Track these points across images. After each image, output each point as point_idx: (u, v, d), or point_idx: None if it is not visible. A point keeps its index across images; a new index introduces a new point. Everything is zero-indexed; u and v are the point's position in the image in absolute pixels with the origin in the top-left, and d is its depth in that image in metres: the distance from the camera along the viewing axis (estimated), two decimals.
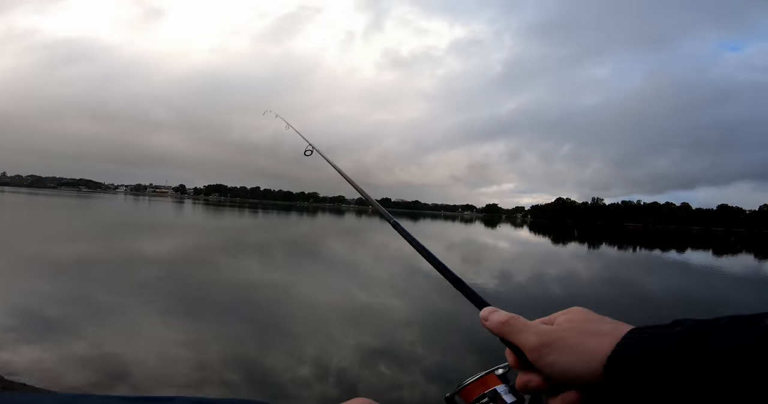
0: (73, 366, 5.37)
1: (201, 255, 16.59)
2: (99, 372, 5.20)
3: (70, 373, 5.15)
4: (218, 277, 12.00)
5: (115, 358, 5.61)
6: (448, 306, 10.28)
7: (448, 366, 6.15)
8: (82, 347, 5.98)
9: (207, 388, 4.97)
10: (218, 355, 5.96)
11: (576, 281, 15.66)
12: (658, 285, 16.05)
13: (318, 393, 4.94)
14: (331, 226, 46.47)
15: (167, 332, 6.91)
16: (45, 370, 5.17)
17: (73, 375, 5.08)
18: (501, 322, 0.60)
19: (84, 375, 5.09)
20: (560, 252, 30.93)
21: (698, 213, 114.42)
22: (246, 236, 28.05)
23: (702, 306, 12.04)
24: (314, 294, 10.57)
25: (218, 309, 8.38)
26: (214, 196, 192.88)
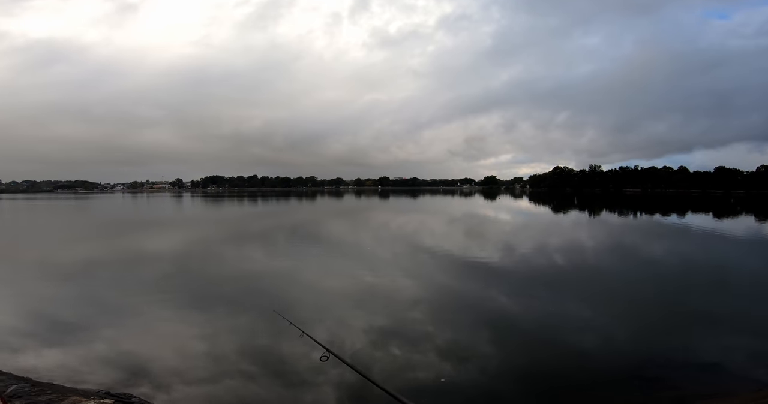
0: (96, 365, 5.49)
1: (206, 248, 16.67)
2: (120, 369, 5.31)
3: (94, 372, 5.26)
4: (225, 268, 12.08)
5: (134, 356, 5.72)
6: (452, 283, 10.43)
7: (461, 344, 6.27)
8: (101, 346, 6.09)
9: (226, 380, 5.08)
10: (233, 347, 6.07)
11: (579, 250, 15.78)
12: (661, 251, 16.18)
13: (335, 379, 5.05)
14: (333, 208, 46.59)
15: (181, 327, 7.02)
16: (71, 370, 5.29)
17: (96, 375, 5.19)
18: None
19: (106, 374, 5.20)
20: (561, 221, 31.10)
21: (696, 176, 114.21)
22: (248, 225, 28.11)
23: (705, 271, 12.17)
24: (321, 278, 10.68)
25: (228, 301, 8.48)
26: (212, 188, 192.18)
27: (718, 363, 5.44)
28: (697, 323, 7.22)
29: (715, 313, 7.73)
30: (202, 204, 59.18)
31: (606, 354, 5.83)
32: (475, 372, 5.29)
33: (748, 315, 7.59)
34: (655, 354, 5.75)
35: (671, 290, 9.63)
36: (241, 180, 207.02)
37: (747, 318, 7.40)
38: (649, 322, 7.24)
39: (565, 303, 8.50)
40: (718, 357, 5.62)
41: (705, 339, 6.38)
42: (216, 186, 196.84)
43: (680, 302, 8.56)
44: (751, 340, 6.25)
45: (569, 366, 5.44)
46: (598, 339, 6.39)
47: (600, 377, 5.15)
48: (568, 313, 7.81)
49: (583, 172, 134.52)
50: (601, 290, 9.65)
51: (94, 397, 4.27)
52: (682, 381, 4.97)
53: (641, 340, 6.39)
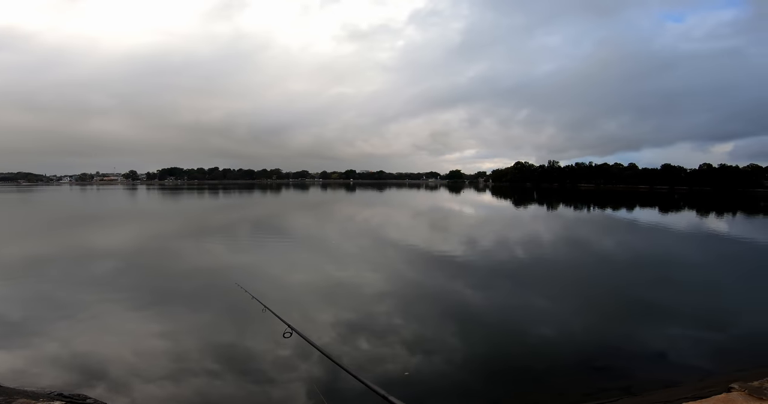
0: (48, 366, 5.18)
1: (162, 242, 15.96)
2: (73, 370, 5.05)
3: (45, 374, 4.97)
4: (183, 264, 11.67)
5: (89, 355, 5.45)
6: (417, 275, 10.62)
7: (425, 336, 6.42)
8: (52, 347, 5.77)
9: (190, 379, 4.94)
10: (195, 344, 5.91)
11: (538, 243, 16.50)
12: (612, 243, 17.24)
13: (304, 374, 5.04)
14: (298, 201, 45.85)
15: (138, 324, 6.74)
16: (20, 372, 4.95)
17: (48, 376, 4.90)
18: None
19: (60, 375, 4.92)
20: (522, 214, 32.32)
21: (644, 173, 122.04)
22: (208, 218, 27.15)
23: (652, 262, 13.12)
24: (286, 272, 10.54)
25: (187, 297, 8.23)
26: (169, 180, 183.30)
27: (663, 352, 5.86)
28: (645, 313, 7.75)
29: (661, 304, 8.33)
30: (158, 197, 56.42)
31: (562, 344, 6.17)
32: (439, 364, 5.46)
33: (691, 305, 8.26)
34: (607, 344, 6.16)
35: (621, 281, 10.32)
36: (202, 172, 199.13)
37: (689, 308, 8.05)
38: (602, 313, 7.73)
39: (525, 294, 8.90)
40: (664, 346, 6.05)
41: (652, 329, 6.83)
42: (174, 178, 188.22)
43: (630, 293, 9.18)
44: (693, 330, 6.80)
45: (529, 356, 5.73)
46: (555, 330, 6.76)
47: (557, 366, 5.44)
48: (528, 304, 8.18)
49: (542, 168, 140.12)
50: (557, 282, 10.16)
51: (43, 399, 4.02)
52: (631, 371, 5.30)
53: (594, 330, 6.81)
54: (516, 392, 4.85)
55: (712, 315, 7.58)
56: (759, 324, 7.14)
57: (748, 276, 11.14)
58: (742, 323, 7.21)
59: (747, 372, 4.95)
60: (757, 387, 2.92)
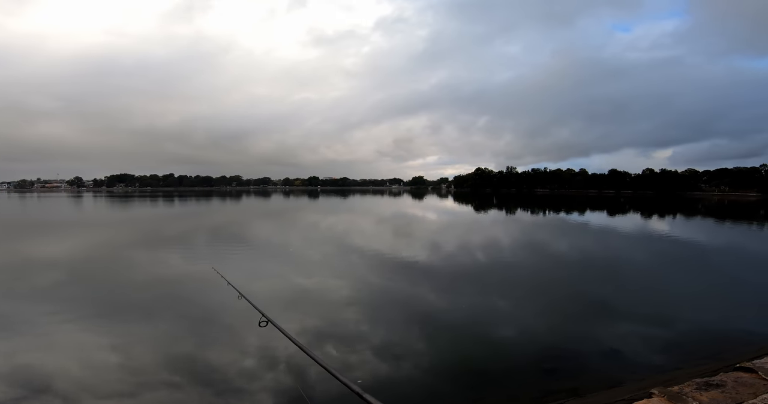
0: None
1: (111, 252, 15.00)
2: (17, 386, 4.64)
3: None
4: (135, 274, 11.03)
5: (34, 370, 5.03)
6: (381, 281, 10.66)
7: (389, 341, 6.45)
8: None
9: (147, 393, 4.67)
10: (152, 357, 5.62)
11: (497, 247, 17.08)
12: (565, 245, 18.16)
13: (270, 384, 4.91)
14: (259, 208, 44.59)
15: (87, 338, 6.31)
16: None
17: None
18: None
19: (1, 392, 4.50)
20: (482, 219, 33.28)
21: (593, 178, 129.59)
22: (160, 226, 25.81)
23: (600, 263, 13.94)
24: (247, 280, 10.22)
25: (140, 308, 7.80)
26: (119, 187, 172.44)
27: (609, 352, 6.15)
28: (594, 314, 8.20)
29: (608, 303, 8.86)
30: (105, 205, 52.99)
31: (518, 346, 6.39)
32: (401, 368, 5.52)
33: (635, 304, 8.78)
34: (559, 345, 6.41)
35: (573, 282, 10.88)
36: (155, 179, 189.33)
37: (633, 307, 8.56)
38: (555, 314, 8.10)
39: (484, 297, 9.17)
40: (610, 346, 6.36)
41: (600, 329, 7.18)
42: (124, 185, 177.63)
43: (580, 293, 9.70)
44: (638, 328, 7.19)
45: (486, 358, 5.88)
46: (512, 332, 7.03)
47: (513, 369, 5.59)
48: (487, 307, 8.44)
49: (501, 173, 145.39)
50: (514, 284, 10.58)
51: None
52: (580, 371, 5.53)
53: (548, 331, 7.09)
54: (473, 396, 4.96)
55: (656, 314, 8.09)
56: (699, 322, 7.69)
57: (688, 276, 12.08)
58: (683, 321, 7.74)
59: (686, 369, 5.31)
60: (676, 392, 3.03)
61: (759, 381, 3.13)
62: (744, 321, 7.81)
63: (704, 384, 3.08)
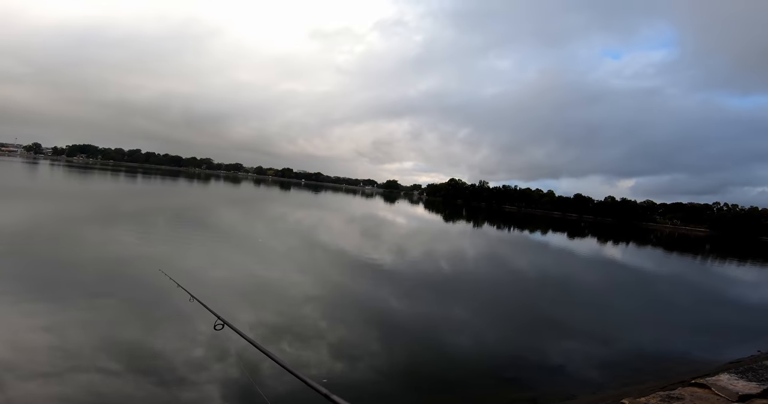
0: None
1: (57, 227, 14.07)
2: None
3: None
4: (83, 251, 10.39)
5: None
6: (344, 281, 10.60)
7: (348, 342, 6.39)
8: None
9: (80, 375, 4.38)
10: (90, 340, 5.27)
11: (462, 257, 17.40)
12: (525, 262, 18.74)
13: (219, 375, 4.74)
14: (227, 194, 43.26)
15: (18, 316, 5.85)
16: None
17: None
18: None
19: None
20: (450, 229, 33.80)
21: (560, 201, 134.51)
22: (118, 203, 24.56)
23: (556, 281, 14.48)
24: (204, 268, 9.86)
25: (84, 287, 7.32)
26: (80, 158, 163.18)
27: (563, 364, 6.37)
28: (548, 327, 8.48)
29: (561, 319, 9.19)
30: (62, 175, 49.95)
31: (477, 354, 6.48)
32: (360, 370, 5.45)
33: (586, 322, 9.25)
34: (516, 355, 6.59)
35: (530, 297, 11.25)
36: (120, 153, 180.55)
37: (585, 324, 9.01)
38: (512, 326, 8.34)
39: (445, 305, 9.27)
40: (563, 359, 6.60)
41: (555, 343, 7.44)
42: (86, 156, 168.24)
43: (537, 308, 10.03)
44: (588, 344, 7.54)
45: (446, 365, 5.91)
46: (471, 340, 7.13)
47: (471, 376, 5.66)
48: (447, 315, 8.53)
49: (473, 186, 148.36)
50: (475, 295, 10.78)
51: None
52: (537, 382, 5.67)
53: (505, 342, 7.29)
54: (429, 399, 4.99)
55: (603, 332, 8.57)
56: (641, 341, 8.20)
57: (633, 299, 12.80)
58: (627, 339, 8.21)
59: (630, 386, 5.60)
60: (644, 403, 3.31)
61: (713, 396, 3.47)
62: (680, 342, 8.47)
63: (667, 397, 3.36)
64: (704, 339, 9.04)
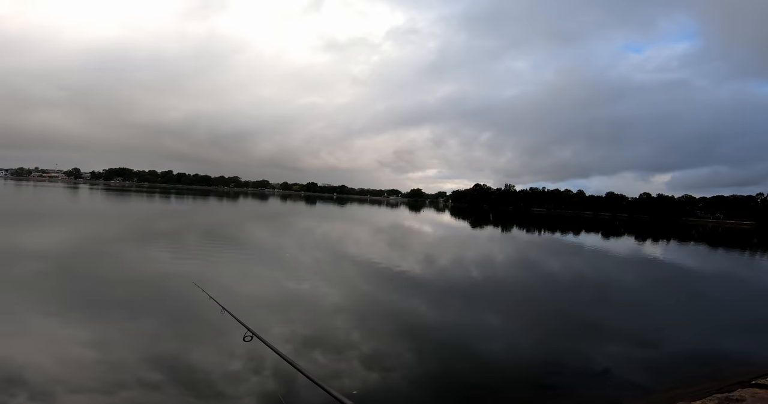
0: None
1: (100, 246, 14.80)
2: None
3: None
4: (123, 270, 10.85)
5: (6, 362, 4.88)
6: (373, 291, 10.57)
7: (380, 351, 6.35)
8: None
9: (124, 390, 4.55)
10: (133, 354, 5.47)
11: (491, 263, 17.04)
12: (557, 265, 18.13)
13: (256, 388, 4.80)
14: (256, 211, 44.40)
15: (66, 332, 6.15)
16: None
17: None
18: None
19: None
20: (478, 235, 33.27)
21: (591, 200, 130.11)
22: (155, 222, 25.61)
23: (592, 283, 13.91)
24: (238, 283, 10.10)
25: (125, 304, 7.62)
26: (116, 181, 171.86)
27: (605, 369, 6.04)
28: (587, 331, 8.14)
29: (601, 322, 8.81)
30: (101, 198, 52.68)
31: (513, 361, 6.28)
32: (392, 380, 5.40)
33: (628, 324, 8.78)
34: (554, 362, 6.31)
35: (567, 301, 10.83)
36: (154, 174, 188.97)
37: (627, 327, 8.55)
38: (548, 331, 8.02)
39: (478, 312, 9.09)
40: (606, 363, 6.26)
41: (594, 347, 7.11)
42: (122, 179, 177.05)
43: (574, 312, 9.64)
44: (631, 348, 7.15)
45: (481, 372, 5.76)
46: (505, 347, 6.91)
47: (508, 383, 5.48)
48: (480, 322, 8.35)
49: (499, 191, 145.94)
50: (508, 300, 10.51)
51: None
52: (577, 388, 5.41)
53: (542, 348, 6.99)
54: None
55: (647, 333, 8.12)
56: (690, 341, 7.76)
57: (678, 298, 12.10)
58: (674, 340, 7.77)
59: (682, 389, 5.27)
60: None
61: None
62: (732, 341, 7.94)
63: (726, 400, 3.13)
64: (759, 338, 8.44)
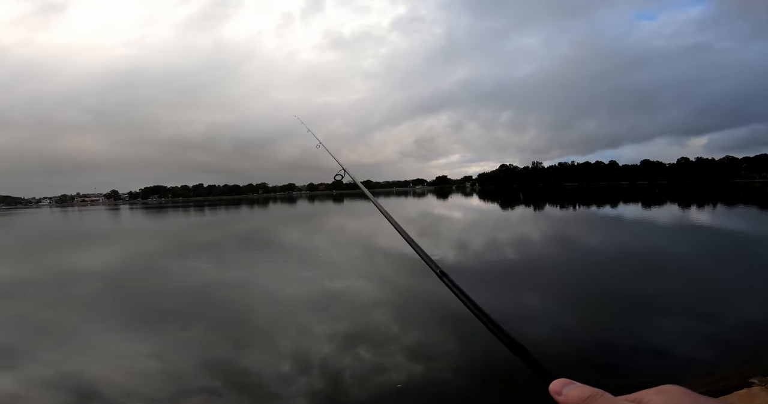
0: (39, 390, 4.97)
1: (148, 262, 15.59)
2: (67, 393, 4.84)
3: (38, 398, 4.77)
4: (170, 282, 11.40)
5: (80, 378, 5.25)
6: (409, 282, 10.56)
7: (425, 343, 6.35)
8: (42, 370, 5.57)
9: (188, 399, 4.77)
10: (190, 363, 5.76)
11: (526, 243, 16.63)
12: (598, 240, 17.46)
13: (305, 388, 4.91)
14: (285, 214, 45.35)
15: (129, 346, 6.54)
16: (12, 396, 4.75)
17: (39, 400, 4.71)
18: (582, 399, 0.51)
19: (51, 398, 4.73)
20: (509, 216, 32.57)
21: (625, 169, 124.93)
22: (194, 236, 26.65)
23: (639, 256, 13.29)
24: (278, 285, 10.37)
25: (178, 316, 8.03)
26: (153, 199, 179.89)
27: (663, 346, 5.77)
28: (639, 307, 7.76)
29: (653, 296, 8.36)
30: (142, 217, 55.30)
31: (559, 343, 6.11)
32: (436, 371, 5.39)
33: (682, 297, 8.27)
34: (605, 341, 6.10)
35: (612, 277, 10.41)
36: (186, 189, 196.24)
37: (682, 300, 8.08)
38: (595, 309, 7.74)
39: (517, 295, 8.91)
40: (662, 340, 5.98)
41: (648, 323, 6.80)
42: (158, 197, 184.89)
43: (621, 287, 9.24)
44: (689, 322, 6.77)
45: None
46: (551, 329, 6.74)
47: (556, 366, 5.24)
48: (520, 305, 8.18)
49: (526, 169, 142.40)
50: (548, 280, 10.22)
51: None
52: (634, 367, 5.19)
53: (590, 327, 6.78)
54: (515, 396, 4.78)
55: (705, 306, 7.63)
56: (751, 313, 7.22)
57: (737, 266, 11.33)
58: (738, 312, 7.25)
59: (753, 363, 4.93)
60: None
61: None
62: None
63: None
64: None
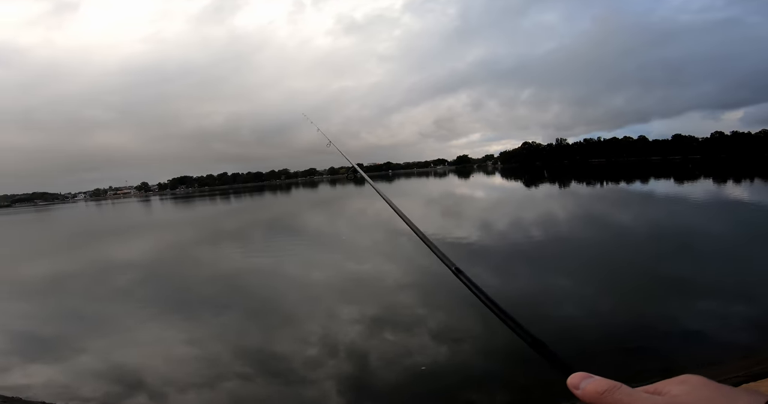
0: (87, 379, 5.33)
1: (179, 251, 16.19)
2: (112, 382, 5.18)
3: (85, 387, 5.11)
4: (202, 270, 11.81)
5: (123, 367, 5.58)
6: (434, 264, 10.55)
7: (448, 325, 6.37)
8: (89, 360, 5.93)
9: (224, 383, 5.00)
10: (225, 349, 6.00)
11: (553, 223, 16.23)
12: (629, 218, 16.87)
13: (333, 371, 5.05)
14: (308, 199, 45.92)
15: (167, 333, 6.86)
16: (61, 386, 5.10)
17: (88, 389, 5.04)
18: (599, 392, 0.50)
19: (98, 387, 5.06)
20: (534, 194, 31.87)
21: (655, 144, 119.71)
22: (221, 223, 27.41)
23: (673, 235, 12.75)
24: (304, 270, 10.58)
25: (210, 303, 8.34)
26: (181, 189, 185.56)
27: (697, 328, 5.57)
28: (671, 289, 7.46)
29: (687, 278, 8.03)
30: (171, 207, 57.20)
31: (590, 326, 5.99)
32: (462, 353, 5.41)
33: (718, 278, 7.88)
34: (637, 323, 5.91)
35: (645, 257, 9.97)
36: (211, 178, 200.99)
37: (717, 281, 7.69)
38: (626, 291, 7.47)
39: (545, 276, 8.77)
40: (697, 322, 5.77)
41: (682, 305, 6.57)
42: (185, 187, 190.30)
43: (654, 269, 8.84)
44: (725, 304, 6.48)
45: (557, 340, 5.50)
46: (581, 311, 6.60)
47: (587, 349, 5.21)
48: (549, 286, 8.05)
49: (550, 146, 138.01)
50: (577, 261, 9.98)
51: None
52: (667, 350, 5.05)
53: (621, 310, 6.57)
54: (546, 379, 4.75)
55: (745, 287, 7.19)
56: None
57: None
58: None
59: None
60: None
61: None
62: None
63: None
64: None
